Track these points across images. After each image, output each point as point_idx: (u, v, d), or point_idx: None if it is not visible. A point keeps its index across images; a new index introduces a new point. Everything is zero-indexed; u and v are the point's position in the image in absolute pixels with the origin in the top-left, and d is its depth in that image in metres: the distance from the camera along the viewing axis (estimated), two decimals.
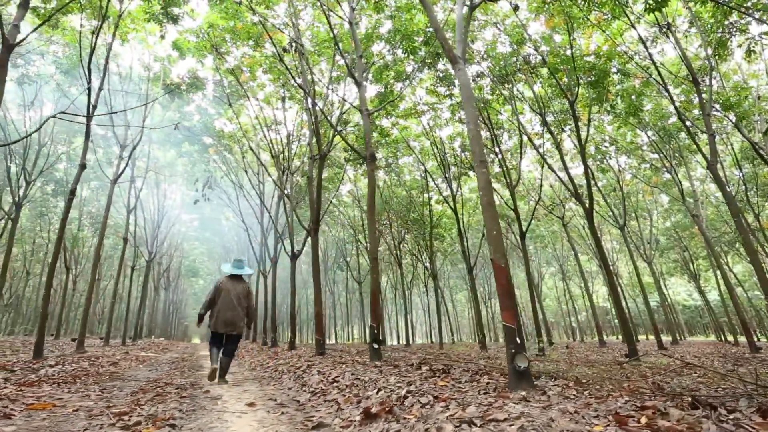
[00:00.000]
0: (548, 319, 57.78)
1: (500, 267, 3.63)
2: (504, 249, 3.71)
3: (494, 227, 3.77)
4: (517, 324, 3.43)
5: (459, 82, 4.60)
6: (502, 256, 3.66)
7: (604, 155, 16.87)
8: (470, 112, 4.32)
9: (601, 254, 10.32)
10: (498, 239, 3.72)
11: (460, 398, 2.91)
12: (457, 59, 4.67)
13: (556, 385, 3.59)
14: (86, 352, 10.29)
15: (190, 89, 14.23)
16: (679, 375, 6.67)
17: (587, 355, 13.87)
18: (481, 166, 4.02)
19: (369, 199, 6.86)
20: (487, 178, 3.97)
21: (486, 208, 3.86)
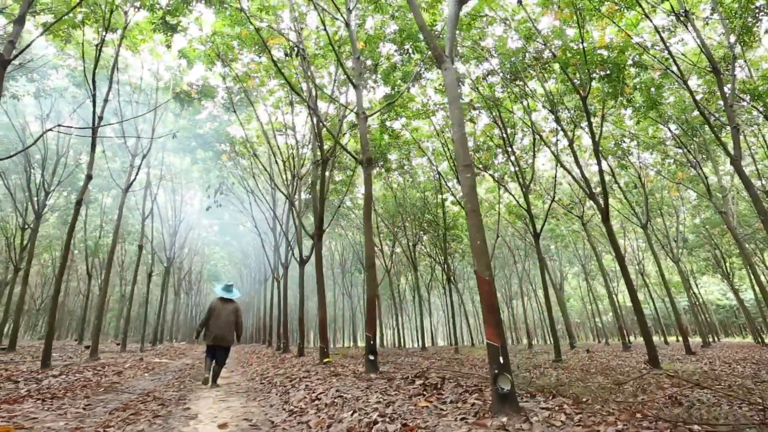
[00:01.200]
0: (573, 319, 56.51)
1: (484, 280, 3.38)
2: (489, 260, 3.46)
3: (478, 236, 3.52)
4: (501, 342, 3.18)
5: (445, 81, 4.37)
6: (486, 267, 3.41)
7: (625, 152, 16.17)
8: (455, 113, 4.08)
9: (617, 255, 9.82)
10: (482, 249, 3.48)
11: (432, 426, 2.69)
12: (443, 58, 4.44)
13: (547, 408, 3.31)
14: (99, 359, 10.47)
15: (201, 97, 14.38)
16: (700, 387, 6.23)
17: (608, 360, 13.31)
18: (465, 170, 3.78)
19: (365, 206, 6.67)
20: (471, 183, 3.72)
21: (470, 215, 3.62)
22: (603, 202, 9.86)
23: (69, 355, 12.22)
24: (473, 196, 3.67)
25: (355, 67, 7.78)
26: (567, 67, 10.42)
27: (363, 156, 6.83)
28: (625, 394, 5.93)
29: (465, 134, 3.94)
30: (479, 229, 3.56)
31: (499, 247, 28.77)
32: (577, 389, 4.78)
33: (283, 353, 13.41)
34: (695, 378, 7.51)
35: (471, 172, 3.76)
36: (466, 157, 3.84)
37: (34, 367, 7.87)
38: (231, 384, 6.56)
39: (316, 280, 8.75)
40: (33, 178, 13.30)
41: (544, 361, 11.30)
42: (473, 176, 3.77)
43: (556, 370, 9.23)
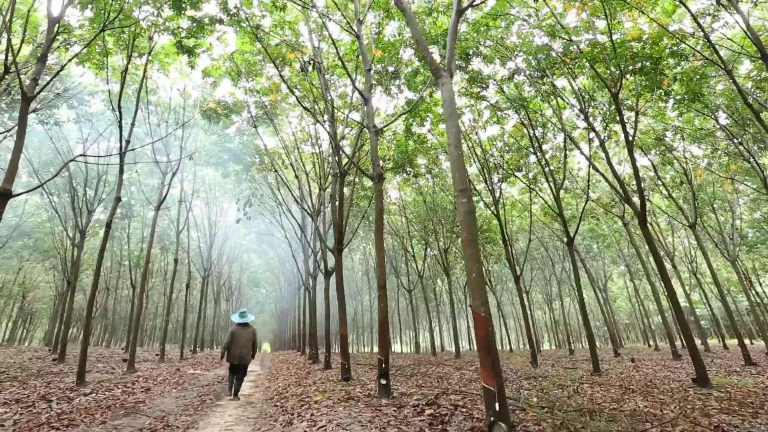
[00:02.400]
0: (621, 320, 53.70)
1: (480, 316, 3.13)
2: (486, 295, 3.20)
3: (474, 268, 3.27)
4: (498, 385, 2.91)
5: (442, 97, 4.13)
6: (483, 303, 3.15)
7: (668, 147, 15.06)
8: (452, 131, 3.84)
9: (656, 260, 9.09)
10: (478, 283, 3.22)
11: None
12: (440, 72, 4.20)
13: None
14: (135, 372, 10.90)
15: (227, 113, 14.75)
16: (752, 417, 5.58)
17: (654, 371, 12.43)
18: (462, 195, 3.53)
19: (377, 222, 6.50)
20: (467, 209, 3.47)
21: (466, 245, 3.37)
22: (639, 205, 9.17)
23: (111, 367, 12.83)
24: (470, 224, 3.42)
25: (366, 79, 7.64)
26: (595, 62, 9.81)
27: (374, 171, 6.67)
28: (665, 420, 5.42)
29: (462, 155, 3.69)
30: (476, 260, 3.31)
31: (537, 248, 27.78)
32: (599, 425, 4.38)
33: (312, 363, 13.48)
34: (750, 401, 6.77)
35: (467, 197, 3.51)
36: (463, 180, 3.60)
37: (71, 383, 8.26)
38: (249, 404, 6.58)
39: (337, 296, 8.67)
40: (77, 197, 14.09)
41: (581, 375, 10.66)
42: (470, 201, 3.51)
43: (592, 387, 8.66)
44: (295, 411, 5.08)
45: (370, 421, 4.15)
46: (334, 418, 4.32)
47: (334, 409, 4.81)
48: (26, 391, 7.34)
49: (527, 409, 5.21)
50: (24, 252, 27.67)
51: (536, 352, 13.35)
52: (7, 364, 13.51)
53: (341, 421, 4.18)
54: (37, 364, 13.50)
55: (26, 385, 8.73)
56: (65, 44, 9.75)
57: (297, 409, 5.23)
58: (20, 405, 6.27)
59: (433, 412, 4.67)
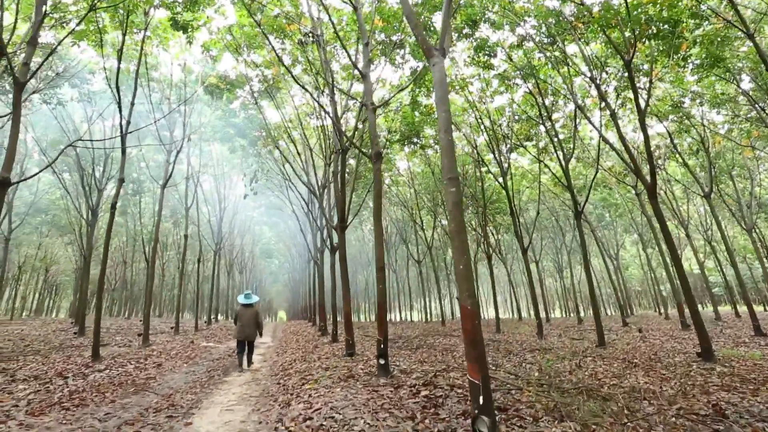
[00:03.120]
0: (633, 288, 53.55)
1: (467, 309, 3.09)
2: (473, 287, 3.15)
3: (461, 260, 3.21)
4: (482, 377, 2.91)
5: (434, 78, 3.95)
6: (470, 296, 3.11)
7: (686, 114, 14.45)
8: (442, 116, 3.70)
9: (665, 235, 8.89)
10: (465, 275, 3.17)
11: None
12: (432, 52, 4.01)
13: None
14: (150, 345, 11.32)
15: (230, 88, 14.53)
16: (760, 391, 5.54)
17: (661, 343, 12.44)
18: (450, 183, 3.43)
19: (375, 203, 6.43)
20: (455, 199, 3.38)
21: (454, 235, 3.30)
22: (650, 179, 8.90)
23: (129, 340, 13.33)
24: (458, 214, 3.33)
25: (364, 54, 7.37)
26: (607, 28, 9.30)
27: (372, 150, 6.54)
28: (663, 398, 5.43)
29: (452, 141, 3.56)
30: (463, 252, 3.24)
31: (548, 218, 27.52)
32: (592, 406, 4.40)
33: (321, 336, 13.82)
34: (753, 376, 6.73)
35: (456, 186, 3.41)
36: (452, 168, 3.48)
37: (88, 358, 8.60)
38: (254, 380, 6.79)
39: (341, 275, 8.74)
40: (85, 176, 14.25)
41: (586, 348, 10.73)
42: (458, 191, 3.42)
43: (595, 360, 8.71)
44: (294, 391, 5.22)
45: (364, 404, 4.24)
46: (330, 401, 4.43)
47: (332, 390, 4.92)
48: (45, 367, 7.68)
49: (523, 389, 5.26)
50: (43, 228, 28.41)
51: (542, 324, 13.43)
52: (32, 336, 14.15)
53: (336, 404, 4.27)
54: (59, 337, 14.11)
55: (47, 359, 9.14)
56: (61, 22, 9.58)
57: (297, 388, 5.37)
58: (38, 381, 6.58)
59: (429, 394, 4.75)
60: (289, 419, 4.00)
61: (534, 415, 4.04)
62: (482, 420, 2.78)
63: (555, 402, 4.44)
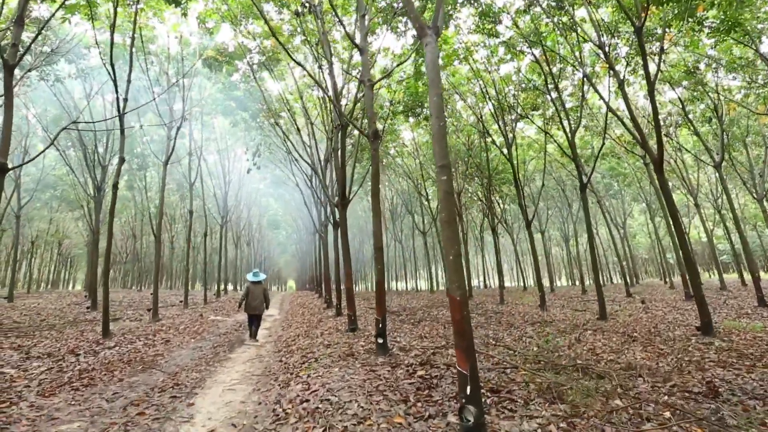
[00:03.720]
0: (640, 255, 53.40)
1: (455, 300, 3.10)
2: (463, 278, 3.14)
3: (452, 251, 3.19)
4: (470, 368, 2.95)
5: (426, 58, 3.80)
6: (459, 287, 3.11)
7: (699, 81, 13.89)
8: (434, 100, 3.58)
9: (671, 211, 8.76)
10: (456, 266, 3.16)
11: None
12: (424, 30, 3.85)
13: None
14: (159, 320, 11.63)
15: (229, 59, 14.22)
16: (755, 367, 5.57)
17: (663, 314, 12.53)
18: (441, 171, 3.36)
19: (373, 182, 6.36)
20: (447, 187, 3.32)
21: (445, 226, 3.26)
22: (657, 152, 8.68)
23: (140, 314, 13.72)
24: (450, 202, 3.28)
25: (360, 26, 7.10)
26: None
27: (369, 129, 6.41)
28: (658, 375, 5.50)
29: (444, 127, 3.47)
30: (454, 242, 3.21)
31: (554, 188, 27.23)
32: (586, 385, 4.47)
33: (326, 308, 14.09)
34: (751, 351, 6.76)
35: (447, 175, 3.34)
36: (444, 155, 3.40)
37: (99, 334, 8.87)
38: (258, 356, 6.99)
39: (342, 251, 8.79)
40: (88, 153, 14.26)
41: (587, 321, 10.82)
42: (450, 179, 3.35)
43: (595, 334, 8.81)
44: (295, 370, 5.36)
45: (360, 386, 4.35)
46: (327, 382, 4.54)
47: (330, 370, 5.04)
48: (58, 344, 7.95)
49: (519, 367, 5.35)
50: (53, 202, 28.80)
51: (545, 296, 13.53)
52: (48, 311, 14.60)
53: (333, 385, 4.39)
54: (74, 311, 14.55)
55: (60, 335, 9.46)
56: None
57: (297, 367, 5.52)
58: (51, 359, 6.83)
59: (425, 374, 4.85)
60: (286, 401, 4.12)
61: (526, 396, 4.11)
62: (468, 410, 2.83)
63: (548, 382, 4.51)
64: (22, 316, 13.05)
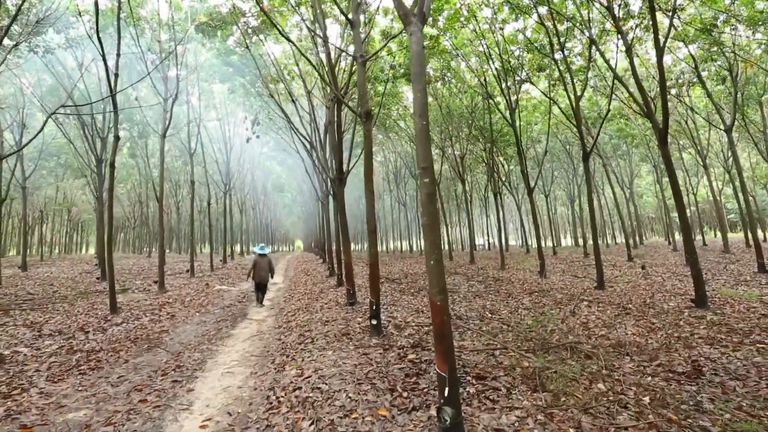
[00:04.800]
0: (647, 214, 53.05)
1: (436, 305, 3.15)
2: (444, 283, 3.17)
3: (433, 255, 3.21)
4: (449, 370, 3.04)
5: (411, 49, 3.65)
6: (440, 291, 3.15)
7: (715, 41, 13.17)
8: (417, 97, 3.46)
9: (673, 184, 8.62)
10: (437, 271, 3.18)
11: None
12: (408, 18, 3.66)
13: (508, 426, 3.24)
14: (166, 292, 11.99)
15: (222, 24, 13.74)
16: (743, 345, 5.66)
17: (662, 280, 12.64)
18: (424, 174, 3.31)
19: (366, 164, 6.28)
20: (429, 191, 3.28)
21: (427, 231, 3.25)
22: (662, 124, 8.41)
23: (148, 284, 14.12)
24: (431, 205, 3.26)
25: None
26: None
27: (361, 108, 6.25)
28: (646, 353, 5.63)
29: (426, 126, 3.38)
30: (435, 247, 3.22)
31: (561, 150, 26.78)
32: (573, 368, 4.60)
33: (329, 276, 14.39)
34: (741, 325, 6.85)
35: (429, 177, 3.29)
36: (426, 156, 3.34)
37: (107, 310, 9.20)
38: (259, 333, 7.24)
39: (340, 227, 8.84)
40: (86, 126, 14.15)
41: (584, 290, 10.96)
42: (432, 181, 3.30)
43: (590, 306, 8.95)
44: (291, 352, 5.56)
45: (351, 372, 4.53)
46: (320, 367, 4.73)
47: (324, 353, 5.23)
48: (68, 321, 8.28)
49: (509, 348, 5.50)
50: (58, 170, 28.97)
51: (544, 264, 13.66)
52: (60, 281, 15.07)
53: (325, 371, 4.57)
54: (85, 281, 15.01)
55: (72, 308, 9.83)
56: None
57: (294, 348, 5.72)
58: (62, 336, 7.15)
59: (415, 358, 5.02)
60: (280, 388, 4.31)
61: (510, 383, 4.26)
62: (446, 411, 2.95)
63: (534, 368, 4.65)
64: (36, 286, 13.53)
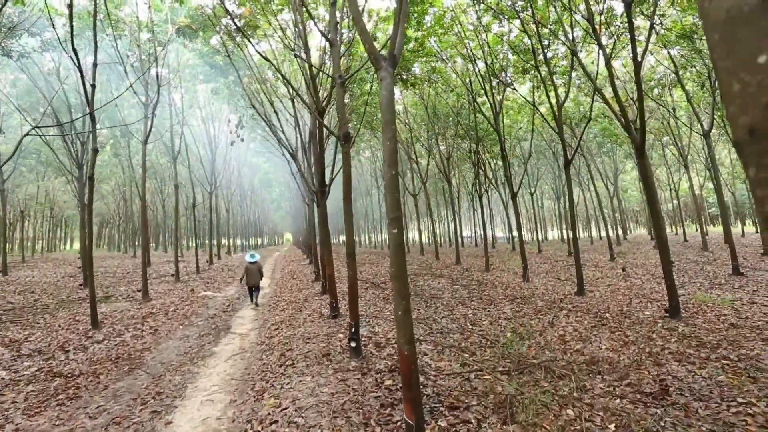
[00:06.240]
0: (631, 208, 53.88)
1: (404, 355, 3.24)
2: (411, 333, 3.26)
3: (401, 306, 3.28)
4: (416, 420, 3.15)
5: (381, 95, 3.68)
6: (407, 341, 3.23)
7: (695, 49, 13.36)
8: (387, 145, 3.50)
9: (648, 195, 8.82)
10: (405, 321, 3.26)
11: None
12: (379, 63, 3.68)
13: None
14: (150, 301, 11.94)
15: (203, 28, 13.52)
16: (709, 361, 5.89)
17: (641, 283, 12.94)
18: (392, 224, 3.37)
19: (344, 187, 6.32)
20: (398, 241, 3.34)
21: (394, 280, 3.33)
22: (639, 137, 8.57)
23: (132, 291, 14.02)
24: (399, 257, 3.33)
25: (330, 16, 6.70)
26: None
27: (339, 131, 6.26)
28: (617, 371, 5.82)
29: (396, 176, 3.43)
30: (403, 297, 3.30)
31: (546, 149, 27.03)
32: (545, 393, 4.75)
33: (314, 281, 14.45)
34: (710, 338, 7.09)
35: (398, 227, 3.35)
36: (395, 206, 3.39)
37: (88, 325, 9.14)
38: (242, 351, 7.29)
39: (321, 239, 8.87)
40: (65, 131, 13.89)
41: (565, 297, 11.18)
42: (401, 232, 3.37)
43: (568, 316, 9.15)
44: (270, 377, 5.64)
45: (327, 403, 4.62)
46: (298, 397, 4.82)
47: (303, 380, 5.31)
48: (49, 338, 8.23)
49: (483, 372, 5.64)
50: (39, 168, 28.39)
51: (527, 267, 13.88)
52: (41, 287, 14.89)
53: (302, 402, 4.66)
54: (68, 286, 14.85)
55: (54, 319, 9.77)
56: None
57: (273, 372, 5.80)
58: (42, 356, 7.12)
59: (391, 384, 5.13)
60: (257, 421, 4.39)
61: (482, 414, 4.39)
62: None
63: (506, 395, 4.80)
64: (16, 294, 13.35)
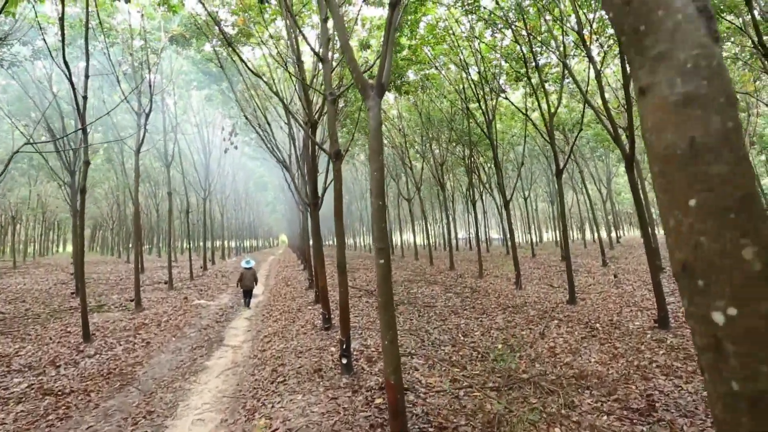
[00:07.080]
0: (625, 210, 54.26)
1: (391, 384, 3.29)
2: (398, 363, 3.31)
3: (388, 335, 3.33)
4: None
5: (370, 124, 3.73)
6: (393, 371, 3.28)
7: None
8: (375, 176, 3.55)
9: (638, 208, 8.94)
10: (391, 351, 3.31)
11: None
12: (367, 92, 3.73)
13: None
14: (143, 310, 11.91)
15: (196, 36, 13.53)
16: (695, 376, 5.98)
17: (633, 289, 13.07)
18: (379, 254, 3.42)
19: (336, 204, 6.36)
20: (384, 272, 3.39)
21: (381, 309, 3.37)
22: (629, 150, 8.69)
23: (125, 299, 13.98)
24: (386, 287, 3.37)
25: (322, 32, 6.74)
26: None
27: (330, 149, 6.31)
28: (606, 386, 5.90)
29: (383, 207, 3.48)
30: (390, 327, 3.34)
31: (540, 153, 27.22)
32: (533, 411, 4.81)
33: (308, 289, 14.47)
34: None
35: (385, 257, 3.40)
36: (382, 237, 3.44)
37: (79, 338, 9.11)
38: (234, 366, 7.31)
39: (313, 252, 8.90)
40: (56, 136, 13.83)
41: (556, 306, 11.27)
42: (387, 263, 3.42)
43: (559, 326, 9.22)
44: (261, 394, 5.67)
45: (317, 423, 4.65)
46: (288, 416, 4.85)
47: (294, 399, 5.34)
48: (39, 352, 8.20)
49: (473, 389, 5.70)
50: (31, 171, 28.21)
51: (520, 275, 13.96)
52: (33, 295, 14.80)
53: (292, 423, 4.69)
54: (60, 294, 14.77)
55: (45, 331, 9.73)
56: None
57: (265, 389, 5.83)
58: (32, 372, 7.10)
59: (381, 403, 5.17)
60: None
61: None
62: None
63: (494, 413, 4.86)
64: (7, 303, 13.27)
